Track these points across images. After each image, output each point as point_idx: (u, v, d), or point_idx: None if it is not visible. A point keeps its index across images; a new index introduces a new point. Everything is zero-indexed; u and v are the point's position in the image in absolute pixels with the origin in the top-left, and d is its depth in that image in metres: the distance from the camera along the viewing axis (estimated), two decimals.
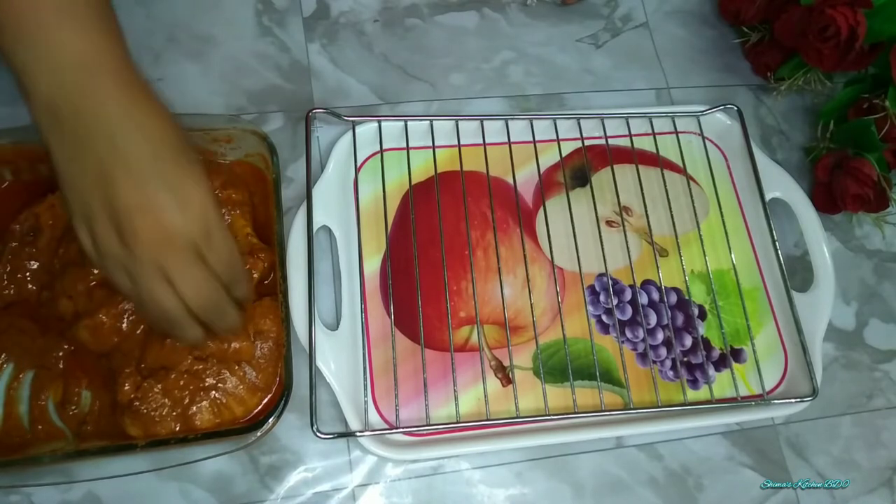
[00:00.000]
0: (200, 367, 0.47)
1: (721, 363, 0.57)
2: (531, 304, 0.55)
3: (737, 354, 0.58)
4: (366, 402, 0.51)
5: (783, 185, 0.62)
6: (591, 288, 0.58)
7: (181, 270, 0.36)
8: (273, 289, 0.51)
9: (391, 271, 0.55)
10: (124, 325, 0.47)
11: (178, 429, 0.46)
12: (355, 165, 0.58)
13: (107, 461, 0.45)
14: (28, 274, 0.50)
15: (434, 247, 0.56)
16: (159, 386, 0.46)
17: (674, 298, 0.59)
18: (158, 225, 0.35)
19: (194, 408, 0.46)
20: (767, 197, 0.61)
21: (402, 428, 0.50)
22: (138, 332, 0.47)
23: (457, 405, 0.51)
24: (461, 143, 0.59)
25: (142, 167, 0.35)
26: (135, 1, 0.62)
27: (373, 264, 0.56)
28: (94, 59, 0.35)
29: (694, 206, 0.60)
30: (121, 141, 0.35)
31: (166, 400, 0.46)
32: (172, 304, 0.37)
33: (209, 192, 0.37)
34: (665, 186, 0.61)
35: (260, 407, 0.48)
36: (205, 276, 0.37)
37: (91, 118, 0.35)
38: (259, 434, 0.46)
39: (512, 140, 0.60)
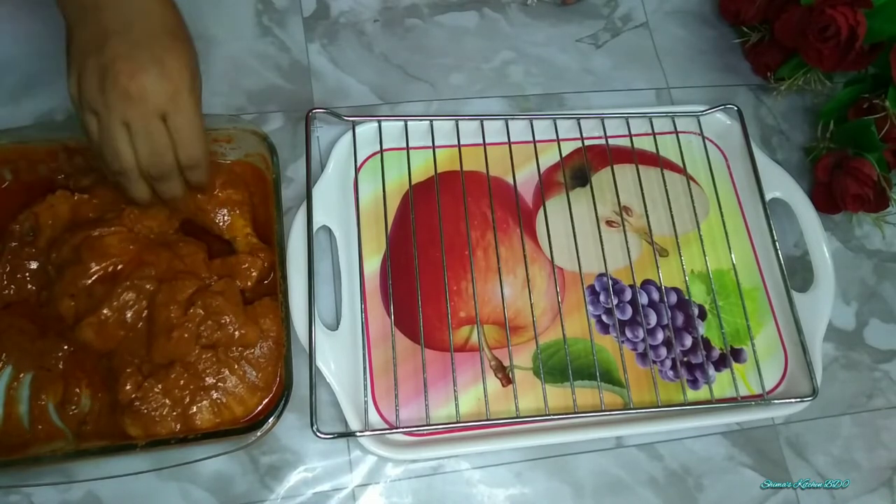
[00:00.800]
0: (202, 365, 0.47)
1: (721, 363, 0.57)
2: (531, 304, 0.55)
3: (737, 354, 0.58)
4: (366, 402, 0.51)
5: (783, 185, 0.62)
6: (591, 288, 0.58)
7: (141, 126, 0.41)
8: (273, 289, 0.51)
9: (391, 271, 0.55)
10: (128, 317, 0.47)
11: (178, 429, 0.46)
12: (355, 165, 0.58)
13: (107, 461, 0.45)
14: (28, 274, 0.50)
15: (434, 247, 0.56)
16: (160, 386, 0.46)
17: (674, 298, 0.59)
18: (134, 82, 0.40)
19: (194, 408, 0.46)
20: (767, 197, 0.61)
21: (402, 428, 0.50)
22: (140, 324, 0.48)
23: (457, 405, 0.51)
24: (461, 143, 0.59)
25: (137, 37, 0.40)
26: None
27: (373, 264, 0.56)
28: None
29: (694, 206, 0.60)
30: (125, 10, 0.40)
31: (166, 400, 0.46)
32: (127, 154, 0.41)
33: (191, 75, 0.42)
34: (665, 186, 0.61)
35: (260, 407, 0.48)
36: (160, 138, 0.41)
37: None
38: (259, 434, 0.46)
39: (512, 140, 0.60)
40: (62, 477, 0.47)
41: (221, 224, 0.53)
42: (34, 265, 0.50)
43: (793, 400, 0.55)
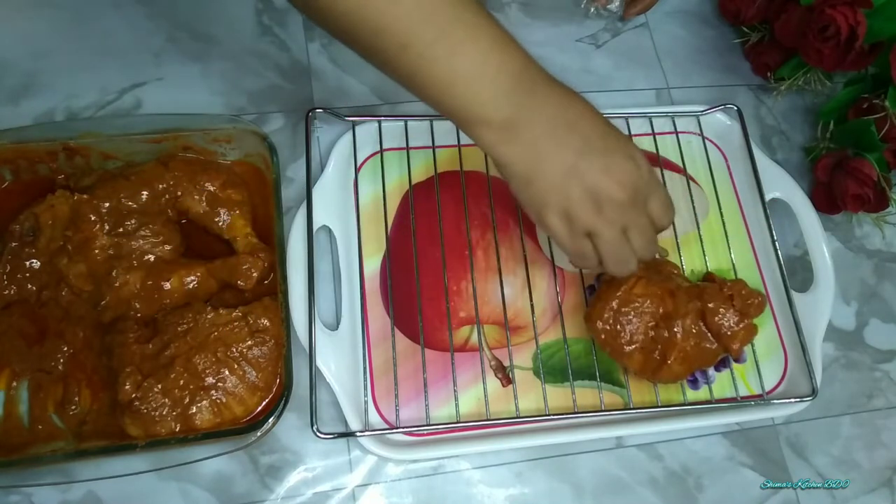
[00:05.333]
0: (202, 365, 0.47)
1: (721, 363, 0.57)
2: (531, 304, 0.55)
3: (736, 356, 0.58)
4: (366, 402, 0.51)
5: (783, 185, 0.62)
6: (591, 288, 0.58)
7: (637, 225, 0.44)
8: (273, 289, 0.51)
9: (391, 271, 0.55)
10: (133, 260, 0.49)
11: (178, 429, 0.46)
12: (355, 165, 0.58)
13: (107, 461, 0.45)
14: (28, 274, 0.50)
15: (434, 247, 0.56)
16: (159, 386, 0.46)
17: None
18: (622, 185, 0.42)
19: (194, 408, 0.46)
20: (767, 197, 0.61)
21: (402, 428, 0.50)
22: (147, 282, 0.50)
23: (457, 405, 0.51)
24: (461, 142, 0.59)
25: (597, 146, 0.42)
26: (135, 1, 0.62)
27: (373, 264, 0.56)
28: (519, 70, 0.40)
29: (694, 207, 0.60)
30: (572, 131, 0.41)
31: (166, 400, 0.46)
32: (628, 254, 0.45)
33: (640, 151, 0.44)
34: (665, 186, 0.61)
35: (260, 407, 0.48)
36: (648, 230, 0.45)
37: (541, 125, 0.41)
38: (259, 434, 0.46)
39: None
40: (62, 477, 0.47)
41: (221, 224, 0.53)
42: (35, 265, 0.50)
43: (793, 400, 0.55)
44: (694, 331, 0.51)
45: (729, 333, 0.51)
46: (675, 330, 0.51)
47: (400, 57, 0.39)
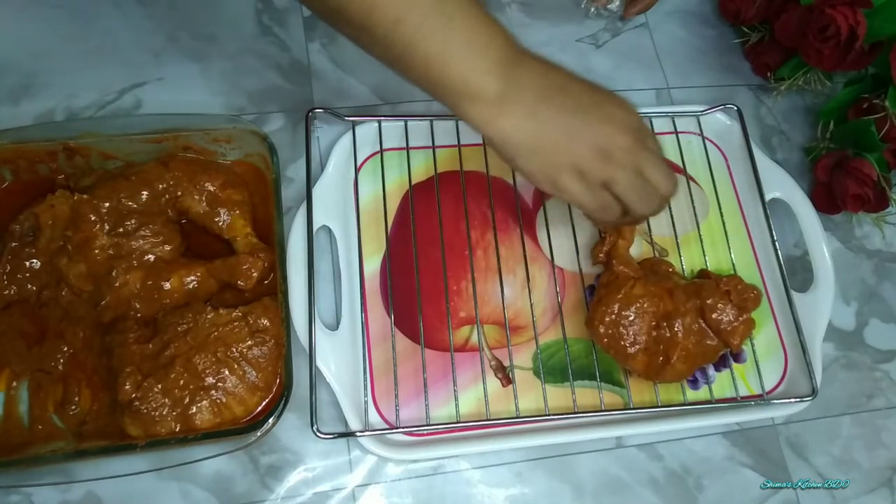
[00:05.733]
0: (202, 365, 0.47)
1: (721, 363, 0.57)
2: (531, 304, 0.55)
3: (736, 354, 0.58)
4: (366, 402, 0.51)
5: (783, 185, 0.62)
6: (591, 288, 0.58)
7: (649, 161, 0.45)
8: (273, 289, 0.51)
9: (391, 271, 0.55)
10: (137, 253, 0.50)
11: (178, 429, 0.46)
12: (355, 165, 0.58)
13: (107, 461, 0.45)
14: (28, 274, 0.50)
15: (434, 247, 0.56)
16: (159, 385, 0.46)
17: None
18: (625, 131, 0.43)
19: (194, 408, 0.46)
20: (767, 197, 0.61)
21: (402, 428, 0.50)
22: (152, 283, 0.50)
23: (457, 405, 0.51)
24: (461, 142, 0.59)
25: (588, 101, 0.43)
26: (135, 1, 0.62)
27: (373, 264, 0.56)
28: (505, 46, 0.41)
29: (694, 207, 0.60)
30: (564, 95, 0.43)
31: (166, 400, 0.46)
32: (652, 191, 0.45)
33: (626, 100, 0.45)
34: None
35: (260, 407, 0.48)
36: (661, 163, 0.46)
37: (532, 93, 0.42)
38: (259, 434, 0.46)
39: None
40: (62, 477, 0.47)
41: (221, 224, 0.53)
42: (35, 265, 0.50)
43: (792, 400, 0.55)
44: (695, 328, 0.51)
45: (729, 328, 0.51)
46: (677, 329, 0.51)
47: (393, 32, 0.39)
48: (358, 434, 0.49)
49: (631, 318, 0.51)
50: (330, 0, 0.39)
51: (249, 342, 0.48)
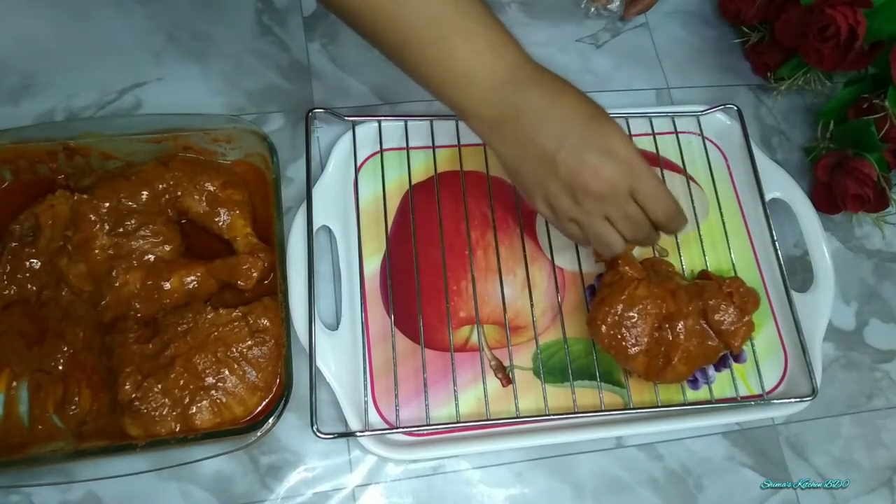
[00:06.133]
0: (201, 365, 0.47)
1: (721, 363, 0.57)
2: (531, 304, 0.55)
3: (737, 355, 0.58)
4: (366, 402, 0.51)
5: (783, 185, 0.62)
6: (591, 288, 0.58)
7: (619, 215, 0.46)
8: (273, 289, 0.51)
9: (391, 271, 0.55)
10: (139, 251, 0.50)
11: (178, 429, 0.46)
12: (355, 165, 0.58)
13: (107, 461, 0.45)
14: (28, 274, 0.50)
15: (434, 247, 0.56)
16: (159, 385, 0.46)
17: None
18: (597, 180, 0.44)
19: (194, 408, 0.46)
20: (767, 197, 0.61)
21: (402, 428, 0.50)
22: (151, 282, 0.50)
23: (457, 405, 0.51)
24: (461, 142, 0.59)
25: (573, 142, 0.44)
26: (135, 1, 0.62)
27: (373, 264, 0.56)
28: (510, 73, 0.43)
29: (694, 207, 0.60)
30: (551, 128, 0.44)
31: (166, 400, 0.46)
32: (618, 242, 0.47)
33: (630, 142, 0.45)
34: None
35: (260, 407, 0.48)
36: (636, 214, 0.46)
37: (525, 120, 0.44)
38: (259, 434, 0.46)
39: None
40: (62, 477, 0.47)
41: (221, 224, 0.53)
42: (35, 265, 0.50)
43: (792, 400, 0.55)
44: (697, 329, 0.51)
45: (732, 329, 0.51)
46: (679, 330, 0.51)
47: (402, 53, 0.43)
48: (358, 434, 0.49)
49: (634, 320, 0.51)
50: (352, 16, 0.42)
51: (249, 342, 0.48)
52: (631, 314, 0.51)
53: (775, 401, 0.54)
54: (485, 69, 0.43)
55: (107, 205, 0.50)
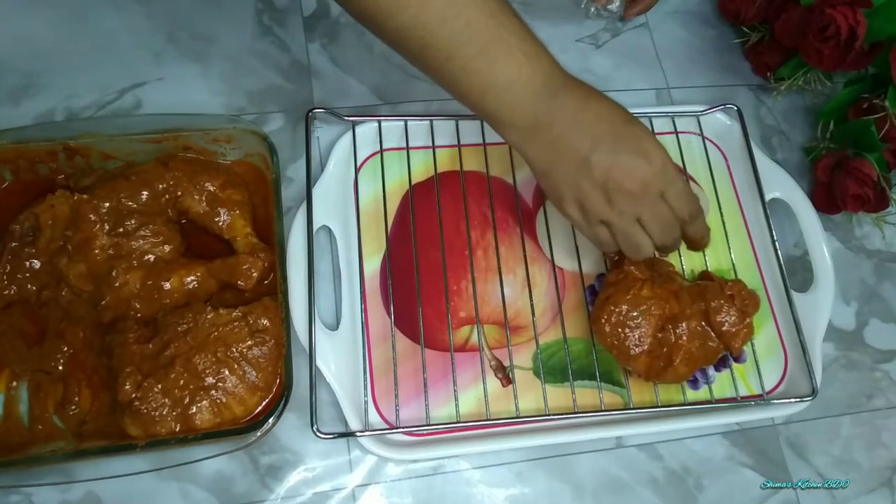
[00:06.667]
0: (202, 365, 0.47)
1: (721, 363, 0.57)
2: (531, 304, 0.55)
3: (737, 355, 0.58)
4: (366, 402, 0.51)
5: (783, 185, 0.62)
6: (592, 288, 0.58)
7: (651, 215, 0.47)
8: (273, 289, 0.51)
9: (391, 271, 0.55)
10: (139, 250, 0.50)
11: (178, 429, 0.46)
12: (355, 165, 0.58)
13: (107, 461, 0.45)
14: (28, 274, 0.50)
15: (434, 247, 0.56)
16: (159, 385, 0.46)
17: None
18: (631, 179, 0.45)
19: (194, 408, 0.46)
20: (767, 197, 0.61)
21: (402, 428, 0.50)
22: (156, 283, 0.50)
23: (457, 405, 0.51)
24: (461, 142, 0.59)
25: (607, 144, 0.45)
26: (135, 1, 0.62)
27: (373, 264, 0.56)
28: (546, 81, 0.45)
29: None
30: (586, 131, 0.45)
31: (166, 400, 0.46)
32: (647, 244, 0.48)
33: (661, 146, 0.46)
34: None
35: (260, 407, 0.48)
36: (667, 215, 0.47)
37: (559, 125, 0.45)
38: (259, 434, 0.46)
39: None
40: (62, 477, 0.47)
41: (221, 224, 0.53)
42: (35, 265, 0.50)
43: (792, 400, 0.55)
44: (698, 330, 0.51)
45: (733, 330, 0.51)
46: (681, 331, 0.51)
47: (444, 67, 0.44)
48: (358, 434, 0.49)
49: (637, 320, 0.51)
50: (393, 35, 0.44)
51: (249, 342, 0.48)
52: (634, 314, 0.51)
53: (775, 401, 0.54)
54: (524, 79, 0.44)
55: (107, 205, 0.50)
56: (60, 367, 0.48)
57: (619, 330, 0.51)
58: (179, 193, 0.52)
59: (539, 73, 0.44)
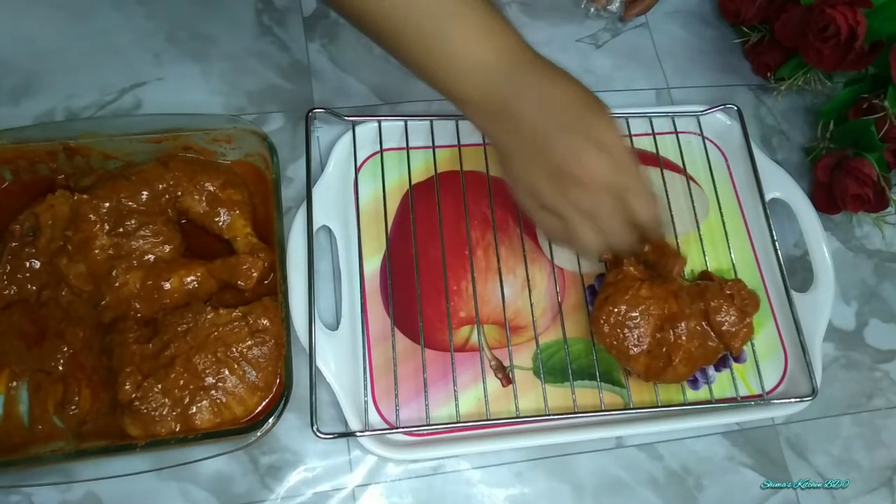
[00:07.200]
0: (201, 365, 0.47)
1: (721, 363, 0.57)
2: (531, 304, 0.55)
3: (736, 355, 0.58)
4: (366, 402, 0.51)
5: (783, 185, 0.62)
6: (591, 288, 0.58)
7: (603, 212, 0.44)
8: (273, 289, 0.51)
9: (391, 271, 0.55)
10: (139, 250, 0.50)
11: (178, 429, 0.46)
12: (355, 165, 0.58)
13: (107, 461, 0.45)
14: (28, 274, 0.50)
15: (434, 247, 0.56)
16: (159, 385, 0.46)
17: None
18: (586, 169, 0.43)
19: (194, 408, 0.46)
20: (767, 197, 0.61)
21: (402, 428, 0.50)
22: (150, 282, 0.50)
23: (457, 405, 0.51)
24: (461, 142, 0.59)
25: (568, 129, 0.43)
26: (135, 1, 0.62)
27: (373, 264, 0.56)
28: (511, 59, 0.43)
29: (694, 207, 0.60)
30: (547, 114, 0.43)
31: (166, 400, 0.46)
32: (594, 242, 0.45)
33: (624, 140, 0.44)
34: (665, 186, 0.61)
35: (260, 407, 0.48)
36: (618, 216, 0.45)
37: (521, 105, 0.43)
38: (259, 434, 0.46)
39: None
40: (62, 477, 0.47)
41: (221, 224, 0.53)
42: (35, 265, 0.50)
43: (792, 400, 0.55)
44: (698, 330, 0.51)
45: (733, 330, 0.51)
46: (680, 331, 0.51)
47: (402, 45, 0.43)
48: (358, 434, 0.49)
49: (637, 320, 0.51)
50: (363, 19, 0.43)
51: (249, 342, 0.48)
52: (634, 314, 0.51)
53: (775, 401, 0.55)
54: (480, 54, 0.42)
55: (107, 205, 0.50)
56: (60, 367, 0.48)
57: (618, 330, 0.50)
58: (179, 193, 0.52)
59: (498, 49, 0.43)
